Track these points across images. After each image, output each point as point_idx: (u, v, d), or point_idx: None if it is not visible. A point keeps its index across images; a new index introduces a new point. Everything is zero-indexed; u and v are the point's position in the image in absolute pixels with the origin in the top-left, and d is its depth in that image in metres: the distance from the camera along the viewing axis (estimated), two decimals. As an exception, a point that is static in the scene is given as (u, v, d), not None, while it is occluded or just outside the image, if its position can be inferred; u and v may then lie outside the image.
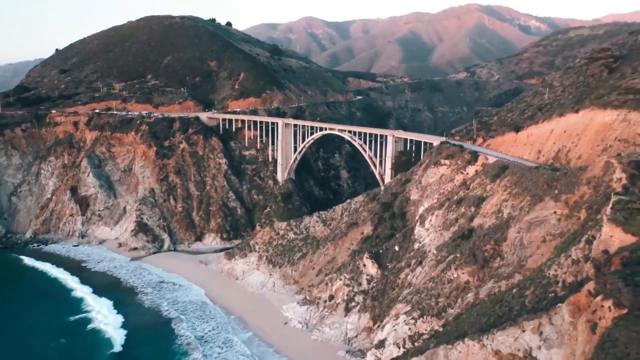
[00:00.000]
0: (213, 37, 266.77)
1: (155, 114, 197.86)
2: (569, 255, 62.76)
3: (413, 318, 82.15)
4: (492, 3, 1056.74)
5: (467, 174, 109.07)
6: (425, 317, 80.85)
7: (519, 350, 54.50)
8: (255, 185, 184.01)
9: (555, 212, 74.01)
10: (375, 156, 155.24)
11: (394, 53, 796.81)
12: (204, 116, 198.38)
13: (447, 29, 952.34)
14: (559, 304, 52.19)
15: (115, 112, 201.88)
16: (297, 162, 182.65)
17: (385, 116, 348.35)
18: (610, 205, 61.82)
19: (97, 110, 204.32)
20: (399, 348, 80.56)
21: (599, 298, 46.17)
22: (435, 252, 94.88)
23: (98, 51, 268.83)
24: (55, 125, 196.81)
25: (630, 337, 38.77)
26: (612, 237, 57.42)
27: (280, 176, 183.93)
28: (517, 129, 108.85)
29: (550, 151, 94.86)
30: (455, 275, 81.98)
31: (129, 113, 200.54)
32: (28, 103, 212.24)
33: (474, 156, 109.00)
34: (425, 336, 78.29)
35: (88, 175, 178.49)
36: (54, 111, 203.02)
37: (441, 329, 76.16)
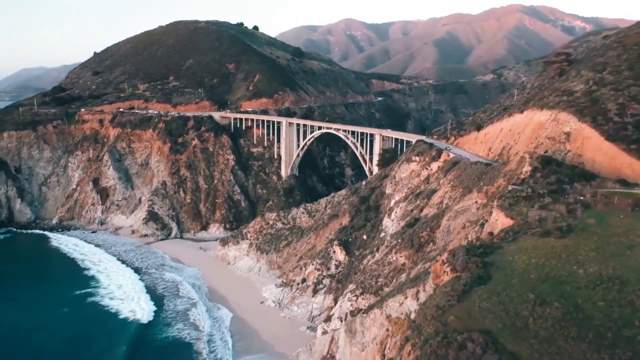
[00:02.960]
0: (234, 40, 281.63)
1: (172, 113, 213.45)
2: (466, 237, 71.34)
3: (355, 295, 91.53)
4: (536, 3, 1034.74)
5: (431, 169, 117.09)
6: (365, 294, 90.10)
7: (402, 313, 63.57)
8: (260, 180, 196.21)
9: (476, 202, 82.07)
10: (367, 153, 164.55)
11: (429, 55, 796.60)
12: (217, 115, 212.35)
13: (486, 31, 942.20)
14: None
15: (137, 111, 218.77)
16: (299, 158, 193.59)
17: (404, 117, 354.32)
18: (504, 193, 70.07)
19: (121, 109, 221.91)
20: (341, 321, 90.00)
21: (445, 266, 55.10)
22: (389, 239, 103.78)
23: (129, 54, 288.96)
24: (83, 123, 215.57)
25: (439, 291, 47.91)
26: (497, 220, 66.05)
27: (283, 172, 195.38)
28: (479, 128, 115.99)
29: (498, 148, 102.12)
30: (394, 258, 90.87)
31: (149, 112, 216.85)
32: (61, 102, 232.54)
33: (438, 153, 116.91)
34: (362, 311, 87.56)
35: (109, 168, 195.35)
36: (82, 109, 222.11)
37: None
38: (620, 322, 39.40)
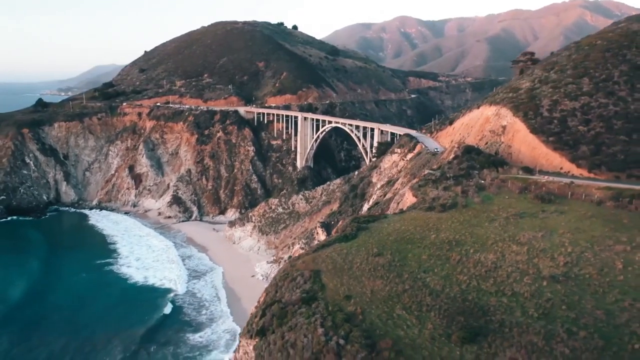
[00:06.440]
0: (266, 40, 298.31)
1: (202, 107, 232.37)
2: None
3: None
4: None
5: (407, 160, 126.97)
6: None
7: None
8: (277, 170, 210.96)
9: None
10: (369, 146, 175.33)
11: (480, 52, 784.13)
12: (242, 110, 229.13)
13: (544, 27, 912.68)
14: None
15: (171, 105, 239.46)
16: (313, 151, 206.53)
17: (435, 114, 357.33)
18: (422, 177, 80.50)
19: (158, 104, 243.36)
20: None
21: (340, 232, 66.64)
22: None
23: (172, 53, 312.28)
24: (124, 115, 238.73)
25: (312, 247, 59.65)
26: (407, 199, 77.07)
27: (298, 163, 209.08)
28: (451, 122, 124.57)
29: (456, 140, 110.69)
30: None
31: (182, 106, 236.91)
32: (107, 97, 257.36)
33: (414, 145, 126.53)
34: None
35: (143, 156, 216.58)
36: (124, 104, 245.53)
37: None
38: (425, 269, 50.04)
